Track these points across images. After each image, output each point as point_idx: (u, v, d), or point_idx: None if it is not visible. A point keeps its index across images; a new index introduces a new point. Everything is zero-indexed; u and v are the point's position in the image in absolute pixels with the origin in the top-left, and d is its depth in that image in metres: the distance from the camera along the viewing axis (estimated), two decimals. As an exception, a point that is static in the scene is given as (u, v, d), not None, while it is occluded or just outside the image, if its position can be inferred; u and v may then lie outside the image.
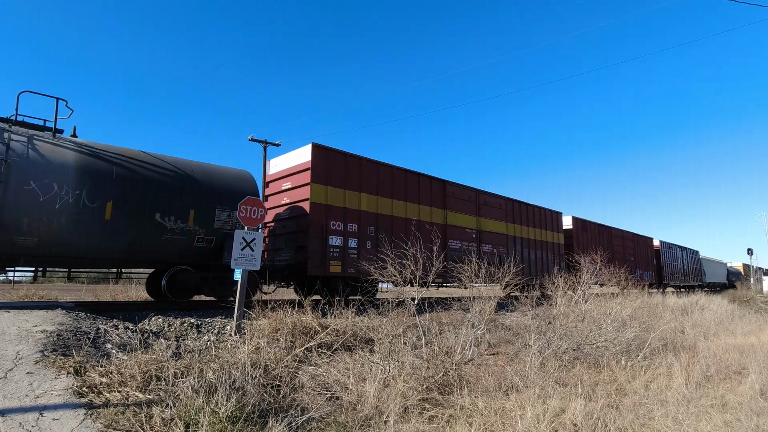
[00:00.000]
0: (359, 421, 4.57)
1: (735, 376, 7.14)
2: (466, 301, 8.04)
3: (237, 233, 7.39)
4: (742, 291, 30.73)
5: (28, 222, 7.42)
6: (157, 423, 3.92)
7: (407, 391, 5.16)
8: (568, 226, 21.24)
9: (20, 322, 6.08)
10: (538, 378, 5.85)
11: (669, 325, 10.90)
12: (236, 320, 7.29)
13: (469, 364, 6.45)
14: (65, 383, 4.47)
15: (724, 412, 5.20)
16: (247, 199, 7.73)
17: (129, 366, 4.90)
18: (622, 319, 9.32)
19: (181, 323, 7.55)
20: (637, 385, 6.25)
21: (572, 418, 4.60)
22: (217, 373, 4.82)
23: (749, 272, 48.05)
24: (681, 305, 16.42)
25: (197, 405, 4.18)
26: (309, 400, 5.01)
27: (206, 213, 9.25)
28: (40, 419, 3.82)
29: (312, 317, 7.37)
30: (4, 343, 5.24)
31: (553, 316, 8.82)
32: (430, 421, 4.69)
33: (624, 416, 4.80)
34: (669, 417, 4.81)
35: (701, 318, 13.93)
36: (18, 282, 13.79)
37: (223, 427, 3.98)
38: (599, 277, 12.03)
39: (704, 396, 5.81)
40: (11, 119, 8.09)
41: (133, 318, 7.55)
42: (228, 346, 6.57)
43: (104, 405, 4.18)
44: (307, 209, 10.59)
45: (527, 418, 4.47)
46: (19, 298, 10.99)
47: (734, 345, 9.62)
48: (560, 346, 7.42)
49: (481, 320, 7.36)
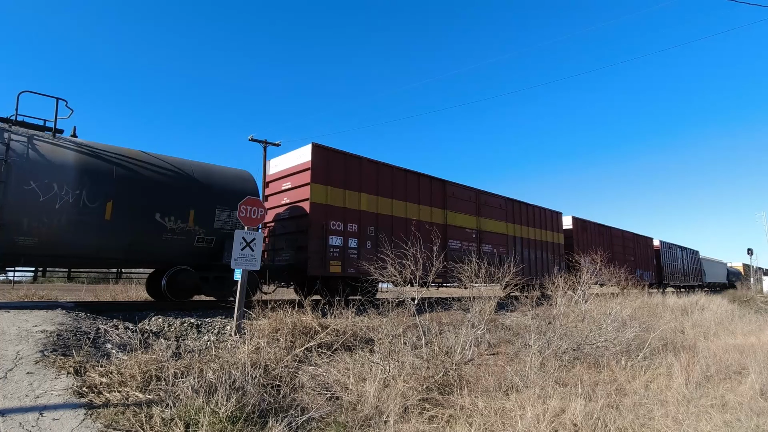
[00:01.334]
0: (359, 421, 4.57)
1: (735, 376, 7.14)
2: (466, 301, 8.04)
3: (237, 233, 7.39)
4: (742, 291, 30.75)
5: (28, 222, 7.42)
6: (157, 423, 3.92)
7: (407, 391, 5.16)
8: (568, 226, 21.23)
9: (20, 322, 6.08)
10: (538, 378, 5.85)
11: (669, 325, 10.91)
12: (236, 320, 7.29)
13: (469, 364, 6.45)
14: (65, 383, 4.47)
15: (724, 412, 5.20)
16: (247, 199, 7.73)
17: (129, 366, 4.90)
18: (622, 319, 9.32)
19: (181, 323, 7.54)
20: (637, 385, 6.25)
21: (572, 418, 4.60)
22: (217, 373, 4.82)
23: (749, 272, 48.06)
24: (681, 305, 16.42)
25: (197, 405, 4.18)
26: (309, 400, 5.02)
27: (206, 213, 9.25)
28: (40, 419, 3.82)
29: (312, 317, 7.37)
30: (4, 343, 5.24)
31: (553, 316, 8.82)
32: (430, 421, 4.69)
33: (624, 416, 4.80)
34: (669, 417, 4.81)
35: (701, 318, 13.93)
36: (18, 282, 13.78)
37: (223, 427, 3.98)
38: (599, 277, 12.03)
39: (704, 396, 5.81)
40: (11, 119, 8.09)
41: (133, 318, 7.55)
42: (228, 346, 6.57)
43: (104, 405, 4.18)
44: (308, 209, 10.59)
45: (527, 418, 4.47)
46: (19, 298, 10.98)
47: (734, 345, 9.62)
48: (560, 346, 7.42)
49: (481, 320, 7.37)
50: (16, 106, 8.13)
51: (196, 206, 9.13)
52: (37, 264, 8.59)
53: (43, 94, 8.50)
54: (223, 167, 10.34)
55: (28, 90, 8.40)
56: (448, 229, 13.89)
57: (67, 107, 8.51)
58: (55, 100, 8.35)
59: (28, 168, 7.49)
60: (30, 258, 7.90)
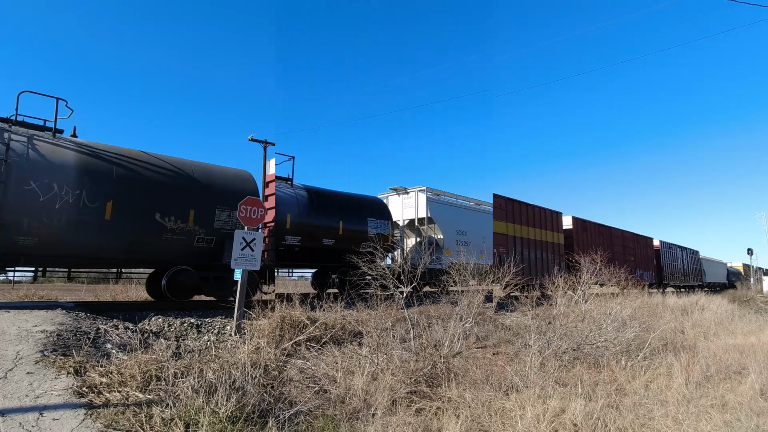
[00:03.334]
0: (347, 414, 4.58)
1: (735, 376, 7.14)
2: (454, 294, 8.06)
3: (237, 233, 7.39)
4: (742, 291, 30.74)
5: (28, 222, 7.42)
6: (157, 423, 3.92)
7: (395, 384, 5.17)
8: (568, 226, 21.22)
9: (20, 322, 6.08)
10: (538, 378, 5.85)
11: (669, 325, 10.90)
12: (236, 320, 7.29)
13: (457, 357, 6.45)
14: (65, 383, 4.47)
15: (724, 412, 5.19)
16: (247, 199, 7.73)
17: (129, 366, 4.90)
18: (622, 319, 9.32)
19: (181, 323, 7.54)
20: (637, 385, 6.24)
21: (572, 418, 4.60)
22: (217, 373, 4.82)
23: (749, 272, 48.04)
24: (681, 305, 16.42)
25: (197, 405, 4.18)
26: (297, 393, 5.02)
27: (206, 213, 9.26)
28: (40, 419, 3.82)
29: (301, 311, 7.36)
30: (4, 343, 5.24)
31: (553, 316, 8.82)
32: (417, 414, 4.69)
33: (624, 416, 4.80)
34: (669, 417, 4.81)
35: (701, 318, 13.93)
36: (18, 282, 13.76)
37: (223, 427, 3.98)
38: (599, 277, 12.02)
39: (704, 396, 5.81)
40: (11, 119, 8.09)
41: (133, 318, 7.55)
42: (228, 346, 6.57)
43: (104, 405, 4.18)
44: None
45: (527, 418, 4.47)
46: (19, 298, 10.98)
47: (734, 345, 9.62)
48: (560, 346, 7.42)
49: (469, 313, 7.38)
50: (16, 106, 8.14)
51: (196, 206, 9.14)
52: (38, 264, 8.59)
53: (43, 94, 8.52)
54: (223, 167, 10.35)
55: (28, 90, 8.43)
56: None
57: (67, 107, 8.52)
58: (55, 100, 8.36)
59: (28, 168, 7.49)
60: (30, 258, 7.90)
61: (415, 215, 15.53)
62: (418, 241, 16.05)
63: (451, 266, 8.56)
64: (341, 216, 12.53)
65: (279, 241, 11.25)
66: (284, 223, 11.26)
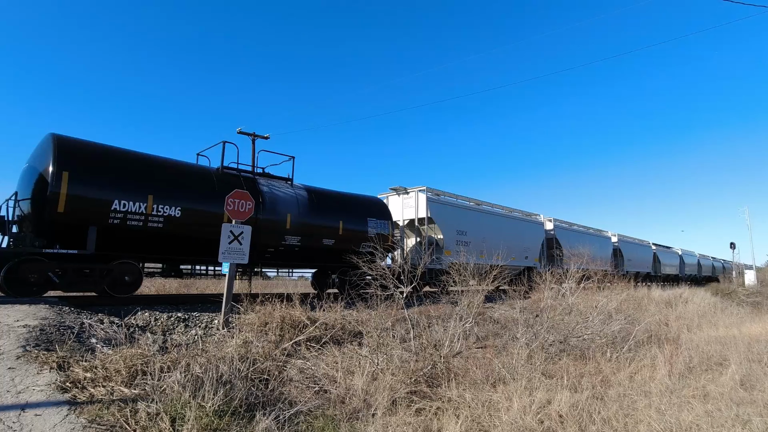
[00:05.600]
0: (347, 414, 4.57)
1: (716, 367, 7.29)
2: (454, 294, 8.07)
3: (224, 227, 7.32)
4: (724, 284, 31.35)
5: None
6: (143, 418, 3.88)
7: (395, 384, 5.17)
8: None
9: (1, 316, 5.96)
10: (525, 370, 5.91)
11: (654, 318, 11.09)
12: (224, 314, 7.24)
13: (457, 357, 6.48)
14: (48, 378, 4.40)
15: (705, 402, 5.30)
16: (234, 192, 7.66)
17: (114, 361, 4.84)
18: (608, 311, 9.45)
19: (168, 318, 7.47)
20: (621, 376, 6.34)
21: (558, 409, 4.66)
22: (204, 367, 4.77)
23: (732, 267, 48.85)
24: (666, 298, 16.73)
25: (184, 399, 4.14)
26: (297, 393, 5.00)
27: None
28: (22, 415, 3.75)
29: (301, 311, 7.34)
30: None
31: (540, 309, 8.91)
32: (417, 414, 4.70)
33: (608, 407, 4.87)
34: (652, 407, 4.89)
35: (685, 311, 14.21)
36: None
37: (209, 421, 3.94)
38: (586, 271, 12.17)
39: (687, 387, 5.92)
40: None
41: (118, 312, 7.46)
42: (215, 341, 6.53)
43: (88, 400, 4.12)
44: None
45: (514, 410, 4.51)
46: (2, 293, 10.75)
47: (716, 337, 9.82)
48: (547, 339, 7.50)
49: (470, 313, 7.40)
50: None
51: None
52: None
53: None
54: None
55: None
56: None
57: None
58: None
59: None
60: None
61: (415, 215, 15.50)
62: (418, 241, 16.04)
63: (451, 266, 8.54)
64: (341, 216, 12.56)
65: (279, 241, 11.20)
66: (284, 223, 11.18)
